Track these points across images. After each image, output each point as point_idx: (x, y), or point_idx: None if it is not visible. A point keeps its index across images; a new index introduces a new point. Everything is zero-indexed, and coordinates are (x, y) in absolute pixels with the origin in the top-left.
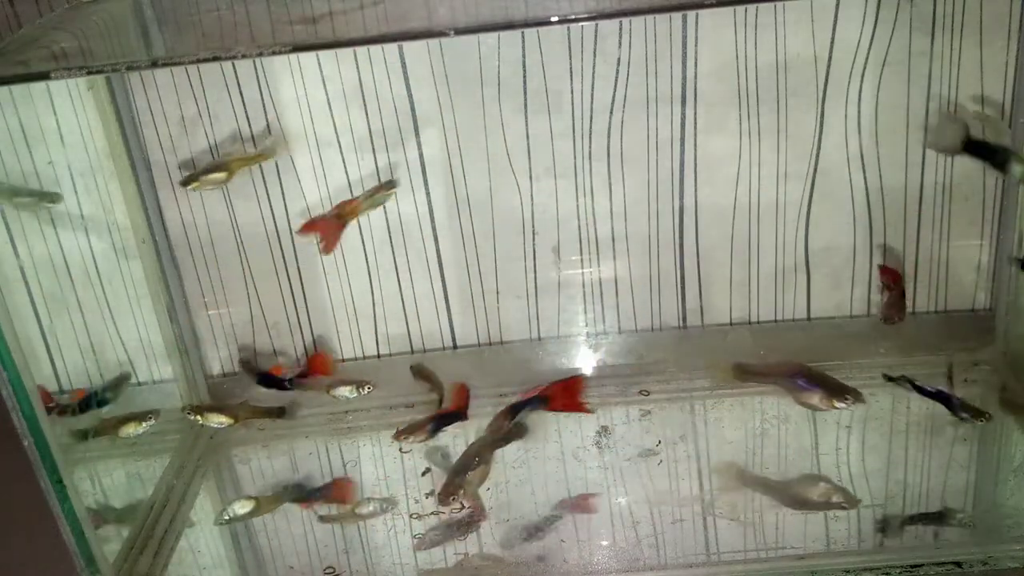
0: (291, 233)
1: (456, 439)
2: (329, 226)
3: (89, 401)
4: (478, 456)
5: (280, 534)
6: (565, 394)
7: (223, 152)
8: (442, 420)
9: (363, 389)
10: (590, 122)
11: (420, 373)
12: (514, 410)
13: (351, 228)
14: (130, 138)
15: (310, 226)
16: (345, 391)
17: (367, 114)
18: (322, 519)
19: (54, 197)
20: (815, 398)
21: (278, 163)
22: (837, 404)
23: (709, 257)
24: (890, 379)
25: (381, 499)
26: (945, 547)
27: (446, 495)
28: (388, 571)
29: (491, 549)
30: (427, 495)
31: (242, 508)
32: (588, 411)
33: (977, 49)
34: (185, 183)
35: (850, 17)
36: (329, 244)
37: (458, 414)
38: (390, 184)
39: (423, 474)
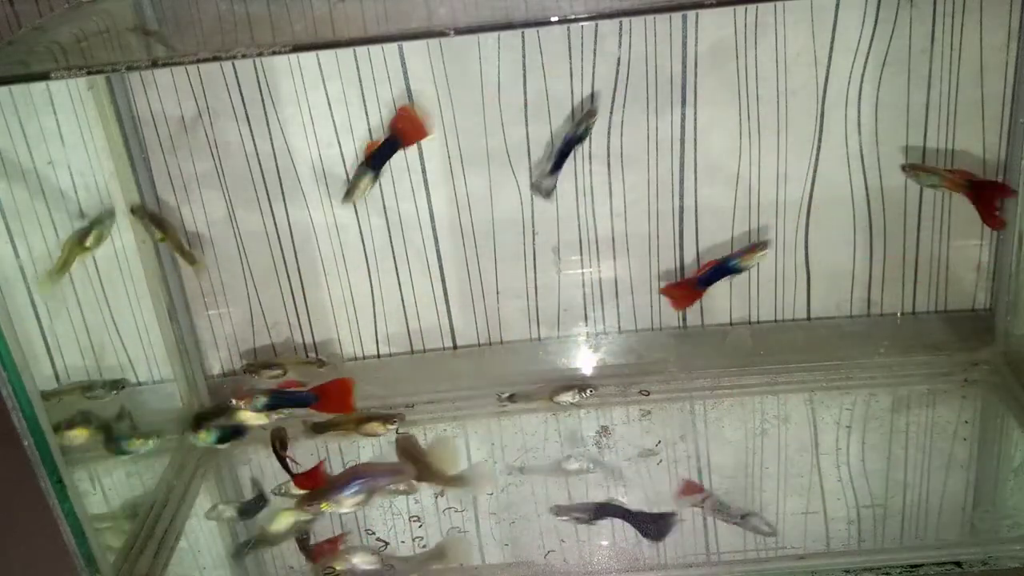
0: (291, 233)
1: None
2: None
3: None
4: None
5: (280, 534)
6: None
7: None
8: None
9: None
10: None
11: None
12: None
13: (351, 228)
14: (130, 138)
15: None
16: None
17: (367, 114)
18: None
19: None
20: None
21: (278, 163)
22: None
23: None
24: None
25: None
26: (945, 547)
27: None
28: (388, 571)
29: (493, 549)
30: (437, 495)
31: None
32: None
33: (977, 49)
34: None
35: (850, 17)
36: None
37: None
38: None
39: None
